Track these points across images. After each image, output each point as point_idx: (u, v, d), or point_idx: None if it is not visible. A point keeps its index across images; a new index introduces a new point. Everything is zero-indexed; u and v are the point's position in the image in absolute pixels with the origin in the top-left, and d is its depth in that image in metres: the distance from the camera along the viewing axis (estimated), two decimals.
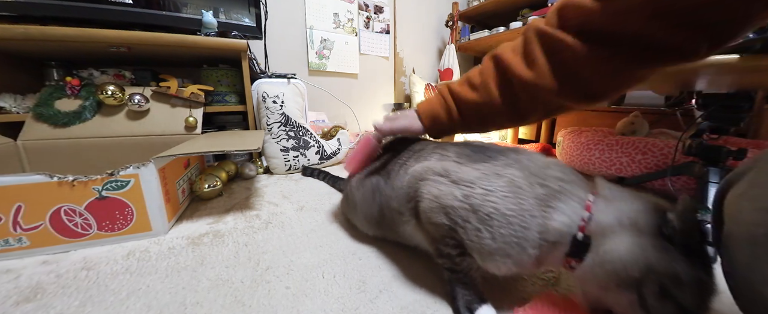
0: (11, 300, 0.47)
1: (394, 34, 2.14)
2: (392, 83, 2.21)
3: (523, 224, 0.37)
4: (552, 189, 0.38)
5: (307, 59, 1.79)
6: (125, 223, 0.64)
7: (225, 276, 0.53)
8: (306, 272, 0.55)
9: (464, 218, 0.40)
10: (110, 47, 0.98)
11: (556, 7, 0.42)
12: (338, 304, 0.46)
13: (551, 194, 0.38)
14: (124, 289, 0.50)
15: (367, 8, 1.98)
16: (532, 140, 1.88)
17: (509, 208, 0.38)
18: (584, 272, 0.37)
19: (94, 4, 1.00)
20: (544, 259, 0.39)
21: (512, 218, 0.38)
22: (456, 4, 2.08)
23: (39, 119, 0.94)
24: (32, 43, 0.89)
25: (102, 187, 0.61)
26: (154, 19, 1.08)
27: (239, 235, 0.69)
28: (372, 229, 0.63)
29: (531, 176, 0.40)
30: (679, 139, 0.85)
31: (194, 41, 1.05)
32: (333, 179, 1.07)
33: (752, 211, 0.27)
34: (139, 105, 1.01)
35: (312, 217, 0.79)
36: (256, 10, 1.35)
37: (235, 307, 0.46)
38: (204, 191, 0.89)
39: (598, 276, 0.35)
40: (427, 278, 0.52)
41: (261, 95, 1.21)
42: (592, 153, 1.11)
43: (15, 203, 0.56)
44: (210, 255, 0.60)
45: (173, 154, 0.69)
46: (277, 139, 1.22)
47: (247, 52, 1.15)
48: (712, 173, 0.73)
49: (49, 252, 0.60)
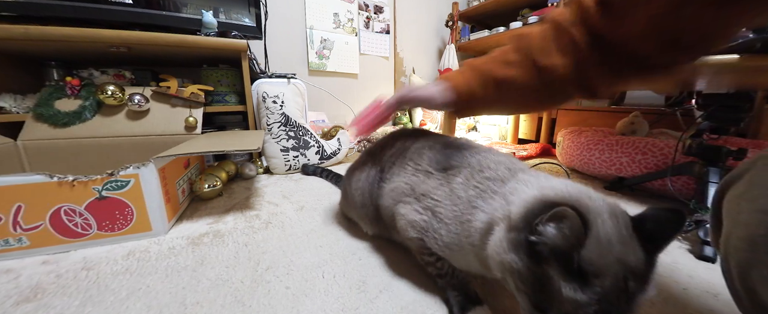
0: (11, 300, 0.47)
1: (394, 34, 2.14)
2: (392, 83, 2.21)
3: (456, 231, 0.41)
4: (479, 190, 0.41)
5: (307, 59, 1.79)
6: (125, 223, 0.64)
7: (225, 276, 0.53)
8: (306, 272, 0.55)
9: (424, 229, 0.46)
10: (110, 47, 0.98)
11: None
12: (338, 304, 0.46)
13: (478, 195, 0.40)
14: (124, 289, 0.50)
15: (367, 8, 1.98)
16: (532, 140, 1.88)
17: (448, 217, 0.42)
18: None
19: (94, 4, 1.00)
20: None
21: (451, 226, 0.42)
22: (456, 4, 2.08)
23: (39, 119, 0.94)
24: (32, 43, 0.89)
25: (102, 187, 0.61)
26: (154, 19, 1.08)
27: (239, 235, 0.69)
28: (371, 228, 0.64)
29: (470, 179, 0.43)
30: (679, 139, 0.85)
31: (194, 41, 1.05)
32: (335, 177, 1.07)
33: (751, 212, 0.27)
34: (139, 105, 1.01)
35: (312, 217, 0.79)
36: (256, 10, 1.35)
37: (235, 307, 0.46)
38: (204, 191, 0.89)
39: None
40: (427, 278, 0.52)
41: (261, 95, 1.21)
42: (592, 153, 1.11)
43: (15, 203, 0.56)
44: (210, 255, 0.60)
45: (173, 154, 0.69)
46: (277, 139, 1.22)
47: (247, 52, 1.15)
48: (712, 173, 0.73)
49: (49, 252, 0.60)
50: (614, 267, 0.26)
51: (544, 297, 0.28)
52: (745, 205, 0.29)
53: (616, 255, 0.27)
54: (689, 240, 0.66)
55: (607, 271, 0.26)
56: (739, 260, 0.28)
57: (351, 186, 0.66)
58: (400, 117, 2.10)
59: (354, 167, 0.70)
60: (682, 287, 0.51)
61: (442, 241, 0.43)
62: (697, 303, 0.47)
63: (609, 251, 0.27)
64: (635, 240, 0.29)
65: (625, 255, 0.27)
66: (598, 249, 0.27)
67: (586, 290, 0.26)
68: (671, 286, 0.51)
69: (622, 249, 0.27)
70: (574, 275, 0.27)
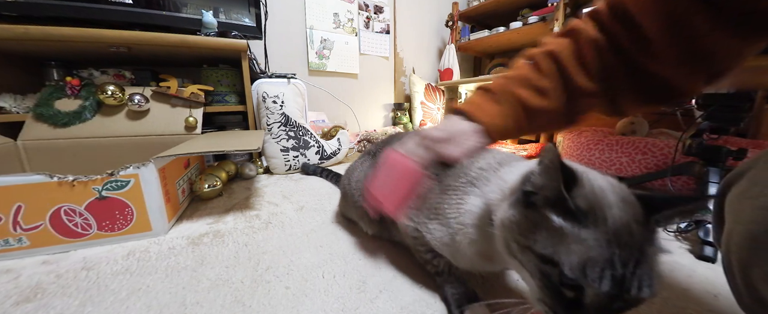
0: (11, 300, 0.47)
1: (394, 34, 2.14)
2: (392, 83, 2.21)
3: (449, 217, 0.41)
4: (472, 177, 0.41)
5: (307, 59, 1.79)
6: (125, 223, 0.64)
7: (225, 276, 0.53)
8: (306, 272, 0.55)
9: (420, 221, 0.46)
10: (110, 47, 0.98)
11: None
12: (338, 304, 0.46)
13: (469, 182, 0.41)
14: (124, 289, 0.50)
15: (367, 8, 1.98)
16: (532, 140, 1.88)
17: (442, 207, 0.43)
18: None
19: (94, 4, 1.00)
20: (486, 247, 0.39)
21: (442, 219, 0.42)
22: (456, 4, 2.08)
23: (39, 119, 0.94)
24: (32, 43, 0.90)
25: (102, 187, 0.61)
26: (154, 19, 1.08)
27: (239, 235, 0.69)
28: (371, 227, 0.64)
29: (464, 169, 0.43)
30: (679, 139, 0.85)
31: (194, 41, 1.05)
32: (335, 177, 1.07)
33: (753, 209, 0.27)
34: (139, 105, 1.01)
35: (312, 217, 0.79)
36: (256, 10, 1.35)
37: (235, 307, 0.46)
38: (204, 191, 0.89)
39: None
40: (427, 278, 0.52)
41: (261, 95, 1.21)
42: (592, 153, 1.11)
43: (15, 203, 0.56)
44: (210, 255, 0.60)
45: (173, 154, 0.69)
46: (277, 139, 1.22)
47: (247, 52, 1.15)
48: (712, 173, 0.73)
49: (49, 252, 0.60)
50: (614, 209, 0.25)
51: (548, 244, 0.27)
52: (747, 203, 0.29)
53: (613, 199, 0.26)
54: (689, 240, 0.66)
55: (608, 213, 0.25)
56: (741, 257, 0.28)
57: (351, 185, 0.66)
58: (400, 117, 2.10)
59: (354, 166, 0.70)
60: (682, 287, 0.51)
61: (437, 233, 0.43)
62: (697, 304, 0.47)
63: (604, 195, 0.26)
64: (634, 198, 0.28)
65: (624, 203, 0.26)
66: (593, 192, 0.27)
67: (589, 228, 0.25)
68: (671, 286, 0.51)
69: (619, 199, 0.26)
70: (573, 214, 0.26)
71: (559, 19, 1.53)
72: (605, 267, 0.24)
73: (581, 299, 0.25)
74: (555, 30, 1.55)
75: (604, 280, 0.24)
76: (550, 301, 0.27)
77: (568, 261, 0.25)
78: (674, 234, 0.68)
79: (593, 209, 0.26)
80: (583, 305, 0.25)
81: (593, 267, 0.24)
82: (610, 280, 0.24)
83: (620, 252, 0.24)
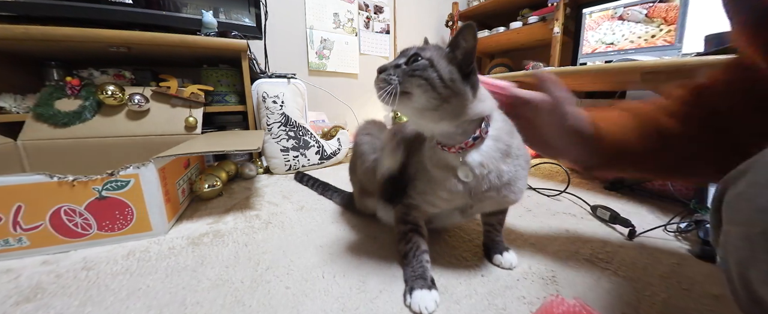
0: (11, 300, 0.47)
1: (394, 34, 2.14)
2: None
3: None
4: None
5: (307, 59, 1.79)
6: (125, 223, 0.64)
7: (225, 276, 0.53)
8: (306, 272, 0.55)
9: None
10: (110, 47, 0.98)
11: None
12: (338, 304, 0.46)
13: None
14: (124, 289, 0.50)
15: (367, 8, 1.98)
16: None
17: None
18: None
19: (94, 4, 1.00)
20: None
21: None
22: (456, 4, 2.08)
23: (39, 119, 0.94)
24: (32, 43, 0.90)
25: (102, 187, 0.61)
26: (154, 19, 1.08)
27: (239, 235, 0.69)
28: (386, 211, 0.63)
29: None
30: None
31: (194, 41, 1.05)
32: (322, 186, 0.99)
33: (750, 211, 0.27)
34: (139, 105, 1.01)
35: (312, 217, 0.79)
36: (256, 10, 1.35)
37: (235, 307, 0.46)
38: (204, 191, 0.89)
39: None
40: None
41: (261, 95, 1.21)
42: None
43: (15, 203, 0.56)
44: (210, 255, 0.60)
45: (173, 154, 0.69)
46: (277, 139, 1.22)
47: (247, 52, 1.15)
48: None
49: (49, 252, 0.60)
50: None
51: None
52: (745, 204, 0.29)
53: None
54: (689, 240, 0.66)
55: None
56: (738, 258, 0.28)
57: (363, 152, 0.65)
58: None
59: (363, 150, 0.68)
60: (682, 287, 0.51)
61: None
62: (697, 304, 0.47)
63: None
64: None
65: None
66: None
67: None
68: (671, 286, 0.51)
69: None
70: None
71: (559, 19, 1.53)
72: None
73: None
74: (555, 30, 1.55)
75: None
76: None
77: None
78: (674, 234, 0.68)
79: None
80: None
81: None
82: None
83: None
